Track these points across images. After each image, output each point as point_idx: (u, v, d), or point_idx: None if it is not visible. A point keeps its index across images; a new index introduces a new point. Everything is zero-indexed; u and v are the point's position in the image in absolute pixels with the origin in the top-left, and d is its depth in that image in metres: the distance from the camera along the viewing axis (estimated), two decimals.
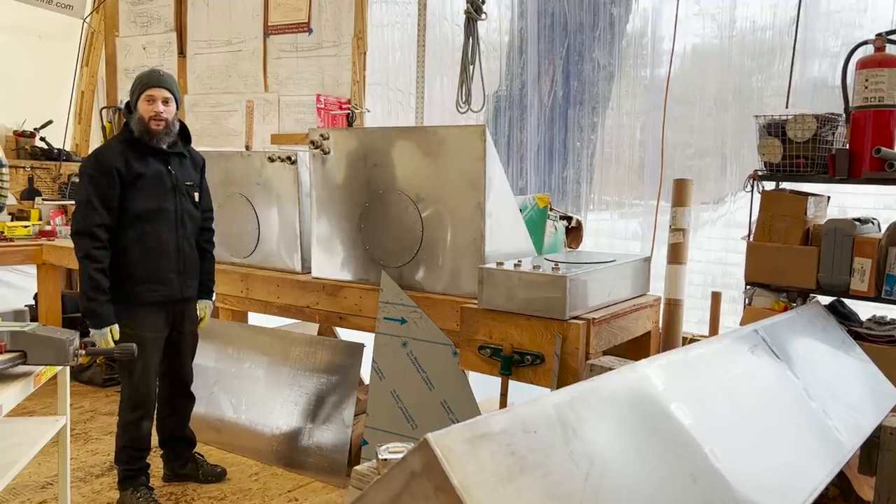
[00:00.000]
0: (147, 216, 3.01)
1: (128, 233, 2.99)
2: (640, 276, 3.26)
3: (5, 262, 5.07)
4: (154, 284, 3.05)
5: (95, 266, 2.89)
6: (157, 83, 3.00)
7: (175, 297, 3.13)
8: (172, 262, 3.09)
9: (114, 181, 2.93)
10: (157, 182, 3.04)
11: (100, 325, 2.90)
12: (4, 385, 2.30)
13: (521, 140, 4.47)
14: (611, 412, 1.33)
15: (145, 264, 3.02)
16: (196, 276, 3.25)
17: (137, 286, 3.02)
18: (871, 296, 2.72)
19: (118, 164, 2.94)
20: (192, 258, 3.21)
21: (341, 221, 3.57)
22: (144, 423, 3.15)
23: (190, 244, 3.18)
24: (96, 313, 2.90)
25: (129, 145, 3.02)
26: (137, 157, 3.00)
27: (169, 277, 3.08)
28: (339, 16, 4.95)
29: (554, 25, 4.30)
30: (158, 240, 3.04)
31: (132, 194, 2.97)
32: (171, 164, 3.09)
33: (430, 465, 0.95)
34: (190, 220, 3.17)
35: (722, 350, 1.92)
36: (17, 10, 5.78)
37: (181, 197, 3.12)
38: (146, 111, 2.99)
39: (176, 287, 3.12)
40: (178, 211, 3.10)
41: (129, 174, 2.96)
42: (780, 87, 3.50)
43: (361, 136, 3.48)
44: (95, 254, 2.90)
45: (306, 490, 3.45)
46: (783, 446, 1.71)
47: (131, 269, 3.00)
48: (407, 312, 3.26)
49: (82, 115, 6.50)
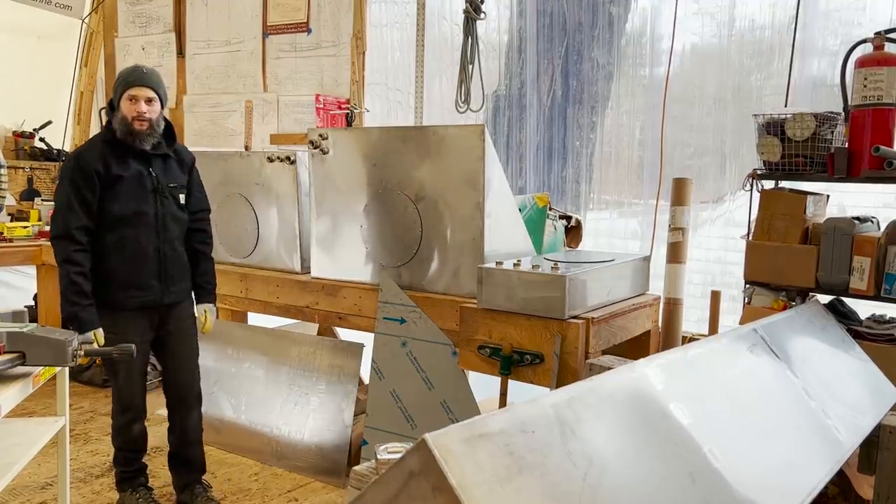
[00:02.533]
0: (126, 220, 2.90)
1: (107, 237, 2.90)
2: (640, 275, 3.26)
3: (5, 263, 5.07)
4: (134, 290, 2.94)
5: (76, 270, 2.81)
6: (139, 81, 2.87)
7: (156, 302, 3.00)
8: (153, 267, 2.97)
9: (93, 183, 2.84)
10: (137, 185, 2.92)
11: (83, 329, 2.81)
12: (3, 386, 2.29)
13: (520, 139, 4.47)
14: (609, 412, 1.33)
15: (125, 269, 2.92)
16: (182, 280, 3.10)
17: (118, 291, 2.92)
18: (870, 294, 2.72)
19: (97, 165, 2.85)
20: (176, 262, 3.06)
21: (340, 221, 3.57)
22: (135, 427, 3.09)
23: (173, 248, 3.04)
24: (79, 318, 2.82)
25: (110, 146, 2.91)
26: (117, 158, 2.90)
27: (150, 283, 2.97)
28: (338, 16, 4.95)
29: (553, 25, 4.30)
30: (138, 244, 2.93)
31: (111, 197, 2.88)
32: (154, 165, 2.97)
33: (428, 465, 0.95)
34: (174, 222, 3.03)
35: (721, 349, 1.92)
36: (16, 10, 5.78)
37: (163, 199, 2.98)
38: (129, 111, 2.87)
39: (157, 292, 2.99)
40: (159, 214, 2.97)
41: (107, 176, 2.86)
42: (779, 85, 3.50)
43: (360, 136, 3.48)
44: (76, 257, 2.82)
45: (306, 490, 3.45)
46: (782, 445, 1.71)
47: (111, 274, 2.91)
48: (406, 312, 3.25)
49: (81, 116, 6.50)
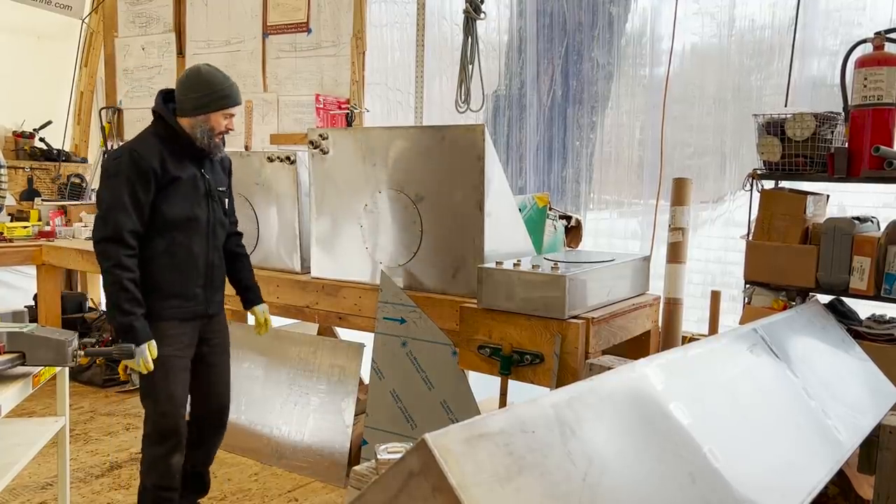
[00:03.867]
0: (179, 224, 2.72)
1: (156, 241, 2.70)
2: (640, 275, 3.26)
3: (5, 263, 5.07)
4: (180, 300, 2.76)
5: (129, 276, 2.59)
6: (237, 102, 2.79)
7: (201, 313, 2.84)
8: (200, 276, 2.81)
9: (149, 183, 2.64)
10: (192, 187, 2.76)
11: (139, 341, 2.59)
12: (3, 386, 2.30)
13: (520, 139, 4.46)
14: (609, 412, 1.33)
15: (173, 277, 2.74)
16: (221, 289, 2.95)
17: (161, 301, 2.73)
18: (870, 294, 2.72)
19: (154, 164, 2.65)
20: (220, 271, 2.93)
21: (340, 221, 3.57)
22: (175, 458, 2.79)
23: (220, 256, 2.91)
24: (133, 328, 2.59)
25: (166, 143, 2.73)
26: (174, 157, 2.72)
27: (195, 292, 2.80)
28: (338, 16, 4.95)
29: (553, 25, 4.30)
30: (189, 251, 2.76)
31: (165, 199, 2.69)
32: (205, 167, 2.83)
33: (428, 466, 0.95)
34: (221, 228, 2.91)
35: (721, 349, 1.92)
36: (16, 10, 5.78)
37: (214, 204, 2.85)
38: (219, 125, 2.75)
39: (202, 302, 2.83)
40: (211, 220, 2.83)
41: (164, 176, 2.68)
42: (779, 85, 3.50)
43: (360, 136, 3.48)
44: (128, 262, 2.60)
45: (306, 490, 3.45)
46: (782, 445, 1.71)
47: (157, 283, 2.71)
48: (406, 312, 3.24)
49: (81, 116, 6.50)
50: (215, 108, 2.73)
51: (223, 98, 2.74)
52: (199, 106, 2.72)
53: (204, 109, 2.73)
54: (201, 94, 2.72)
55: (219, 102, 2.73)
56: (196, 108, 2.72)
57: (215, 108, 2.73)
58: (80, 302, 5.77)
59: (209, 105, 2.72)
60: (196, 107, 2.72)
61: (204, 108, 2.72)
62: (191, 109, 2.73)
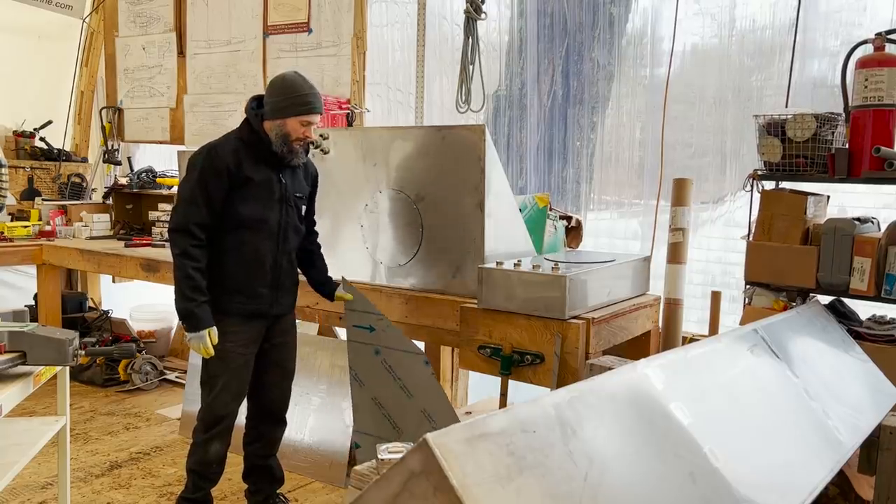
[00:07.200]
0: (248, 224, 2.80)
1: (225, 238, 2.80)
2: (640, 275, 3.26)
3: (5, 263, 5.08)
4: (243, 297, 2.83)
5: (194, 265, 2.71)
6: (317, 110, 2.82)
7: (264, 312, 2.90)
8: (267, 277, 2.87)
9: (222, 180, 2.74)
10: (265, 190, 2.82)
11: (198, 327, 2.71)
12: (4, 385, 2.30)
13: (520, 140, 4.46)
14: (610, 412, 1.33)
15: (238, 275, 2.82)
16: (291, 292, 3.01)
17: (226, 295, 2.81)
18: (870, 295, 2.72)
19: (230, 163, 2.75)
20: (289, 274, 2.97)
21: (341, 221, 3.57)
22: (213, 446, 2.89)
23: (289, 259, 2.95)
24: (194, 315, 2.70)
25: (246, 146, 2.81)
26: (251, 159, 2.80)
27: (260, 292, 2.86)
28: (339, 16, 4.95)
29: (553, 25, 4.30)
30: (256, 251, 2.82)
31: (237, 198, 2.78)
32: (284, 173, 2.88)
33: (429, 465, 0.95)
34: (294, 233, 2.95)
35: (721, 349, 1.92)
36: (17, 10, 5.79)
37: (288, 209, 2.89)
38: (298, 133, 2.80)
39: (266, 302, 2.88)
40: (282, 223, 2.88)
41: (238, 176, 2.76)
42: (779, 86, 3.50)
43: (361, 136, 3.48)
44: (193, 252, 2.71)
45: (306, 490, 3.45)
46: (783, 445, 1.71)
47: (222, 278, 2.81)
48: (374, 320, 3.06)
49: (82, 116, 6.50)
50: (292, 114, 2.79)
51: (300, 105, 2.78)
52: (277, 109, 2.80)
53: (281, 114, 2.79)
54: (281, 98, 2.79)
55: (296, 108, 2.79)
56: (274, 112, 2.80)
57: (292, 114, 2.79)
58: (81, 301, 5.78)
59: (286, 110, 2.78)
60: (274, 110, 2.80)
61: (281, 112, 2.79)
62: (270, 112, 2.80)
